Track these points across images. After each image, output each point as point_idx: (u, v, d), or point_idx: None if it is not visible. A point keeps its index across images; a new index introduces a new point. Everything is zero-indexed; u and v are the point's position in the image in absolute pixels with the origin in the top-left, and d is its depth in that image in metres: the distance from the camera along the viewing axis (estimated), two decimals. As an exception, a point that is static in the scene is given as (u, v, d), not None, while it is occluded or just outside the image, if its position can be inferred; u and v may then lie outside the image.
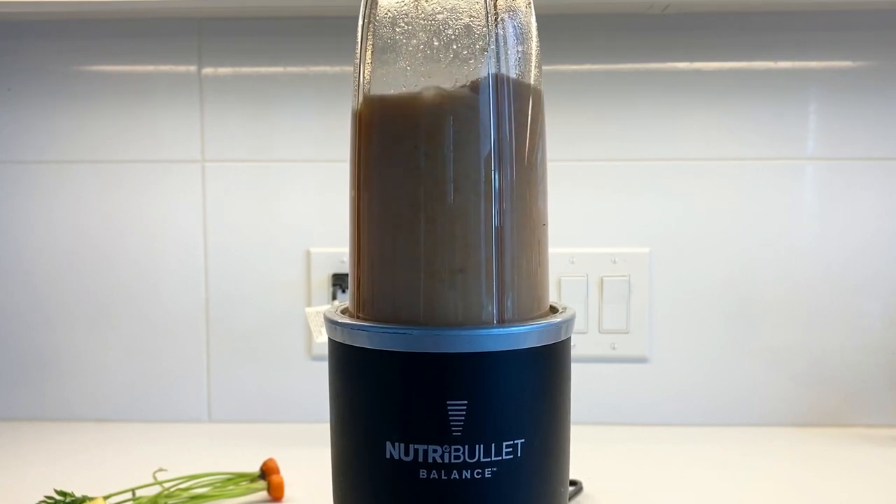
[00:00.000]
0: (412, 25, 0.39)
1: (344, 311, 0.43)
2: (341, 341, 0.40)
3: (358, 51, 0.41)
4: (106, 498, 0.70)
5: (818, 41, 0.93)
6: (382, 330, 0.39)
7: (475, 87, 0.39)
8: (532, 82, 0.41)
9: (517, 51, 0.40)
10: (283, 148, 0.96)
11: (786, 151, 0.94)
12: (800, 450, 0.89)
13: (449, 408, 0.38)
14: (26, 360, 0.99)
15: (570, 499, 0.73)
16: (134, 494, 0.72)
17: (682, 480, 0.80)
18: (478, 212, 0.39)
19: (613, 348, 0.96)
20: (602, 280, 0.95)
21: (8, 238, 0.98)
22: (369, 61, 0.41)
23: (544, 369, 0.40)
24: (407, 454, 0.38)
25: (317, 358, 0.97)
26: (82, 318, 0.98)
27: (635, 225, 0.95)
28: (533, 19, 0.41)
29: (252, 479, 0.75)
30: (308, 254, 0.97)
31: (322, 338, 0.86)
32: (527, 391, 0.39)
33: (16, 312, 0.99)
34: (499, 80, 0.39)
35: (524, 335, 0.39)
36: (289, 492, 0.76)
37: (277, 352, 0.98)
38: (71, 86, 0.97)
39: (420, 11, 0.39)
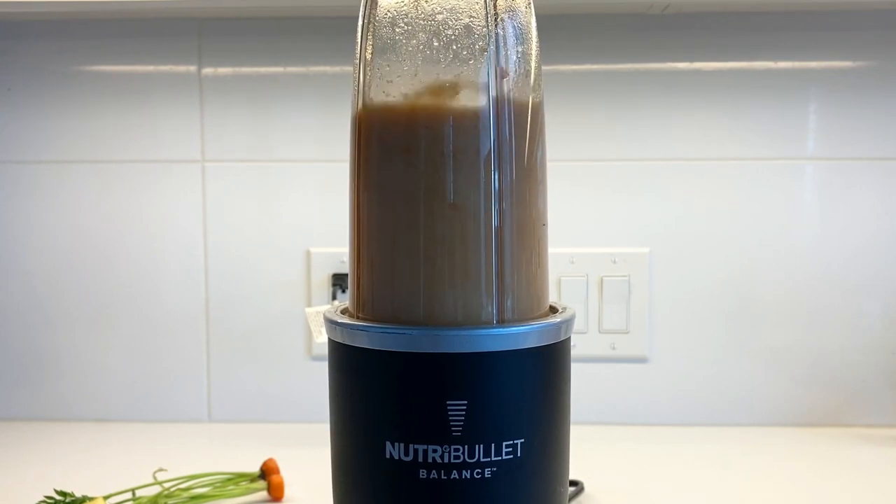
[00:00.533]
0: (412, 26, 0.39)
1: (344, 312, 0.43)
2: (341, 341, 0.40)
3: (358, 51, 0.41)
4: (106, 498, 0.70)
5: (818, 41, 0.93)
6: (382, 330, 0.39)
7: (475, 87, 0.39)
8: (532, 82, 0.41)
9: (517, 51, 0.40)
10: (283, 148, 0.96)
11: (786, 151, 0.94)
12: (800, 450, 0.89)
13: (449, 408, 0.38)
14: (26, 360, 0.99)
15: (571, 499, 0.73)
16: (134, 494, 0.72)
17: (683, 480, 0.80)
18: (478, 212, 0.39)
19: (613, 348, 0.96)
20: (602, 280, 0.95)
21: (8, 238, 0.98)
22: (369, 62, 0.41)
23: (544, 369, 0.40)
24: (407, 454, 0.38)
25: (317, 358, 0.97)
26: (82, 318, 0.98)
27: (635, 225, 0.95)
28: (533, 19, 0.41)
29: (252, 479, 0.75)
30: (308, 254, 0.97)
31: (322, 338, 0.86)
32: (527, 391, 0.39)
33: (16, 312, 0.99)
34: (499, 80, 0.39)
35: (524, 335, 0.39)
36: (289, 492, 0.76)
37: (277, 352, 0.98)
38: (71, 86, 0.97)
39: (420, 12, 0.39)
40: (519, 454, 0.39)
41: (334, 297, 0.96)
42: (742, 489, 0.78)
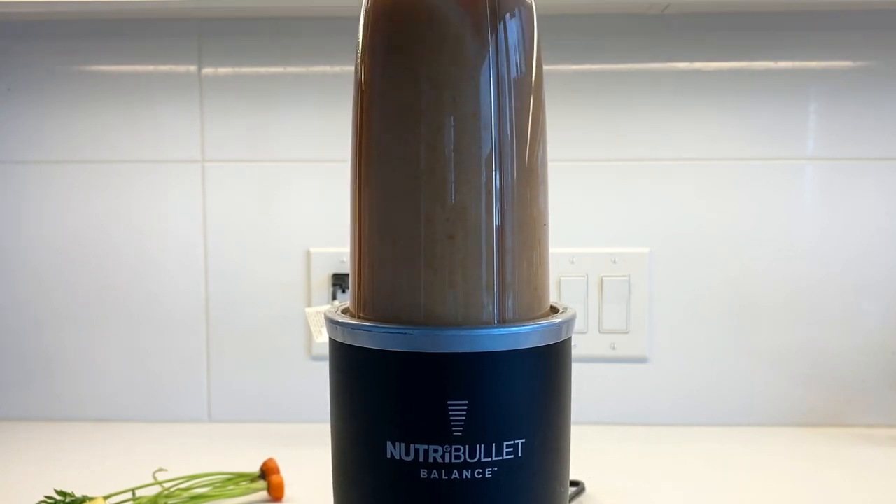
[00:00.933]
0: (413, 25, 0.39)
1: (344, 311, 0.43)
2: (342, 341, 0.40)
3: (359, 50, 0.41)
4: (106, 498, 0.70)
5: (818, 41, 0.93)
6: (383, 330, 0.39)
7: (476, 86, 0.39)
8: (533, 82, 0.41)
9: (518, 51, 0.40)
10: (283, 148, 0.96)
11: (786, 151, 0.94)
12: (800, 450, 0.89)
13: (449, 408, 0.38)
14: (26, 360, 0.99)
15: (572, 499, 0.73)
16: (134, 494, 0.72)
17: (683, 480, 0.80)
18: (478, 212, 0.39)
19: (613, 348, 0.96)
20: (602, 280, 0.95)
21: (8, 238, 0.98)
22: (370, 61, 0.41)
23: (545, 369, 0.40)
24: (407, 454, 0.38)
25: (317, 358, 0.97)
26: (82, 318, 0.98)
27: (635, 225, 0.95)
28: (534, 19, 0.41)
29: (252, 479, 0.75)
30: (308, 254, 0.97)
31: (322, 338, 0.86)
32: (527, 391, 0.39)
33: (16, 312, 0.99)
34: (500, 79, 0.39)
35: (525, 335, 0.39)
36: (289, 492, 0.76)
37: (277, 352, 0.98)
38: (71, 86, 0.97)
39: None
40: (520, 454, 0.39)
41: (334, 297, 0.96)
42: (742, 489, 0.78)
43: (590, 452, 0.85)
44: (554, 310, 0.43)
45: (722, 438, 0.92)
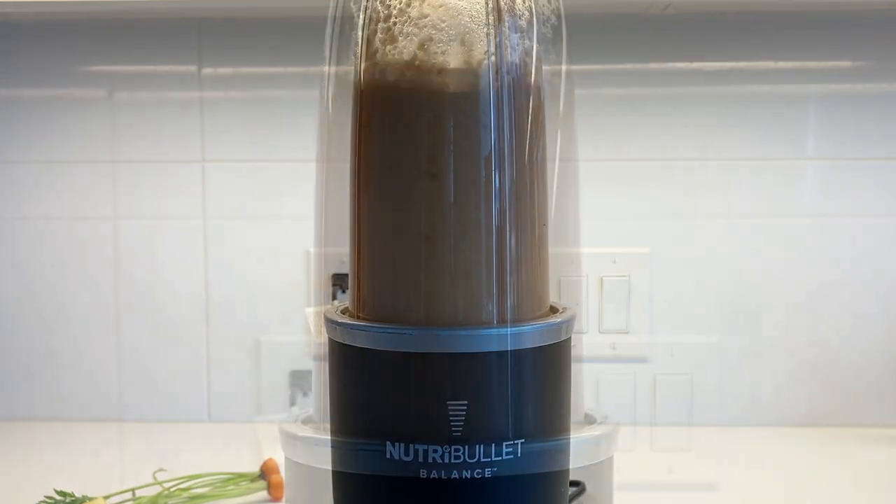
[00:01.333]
0: (412, 24, 0.39)
1: (344, 311, 0.43)
2: (341, 341, 0.40)
3: (357, 50, 0.41)
4: (106, 498, 0.70)
5: (818, 41, 0.93)
6: (382, 330, 0.39)
7: (475, 87, 0.39)
8: (532, 82, 0.41)
9: (517, 51, 0.40)
10: (283, 148, 0.96)
11: (786, 151, 0.94)
12: (801, 450, 0.89)
13: (449, 408, 0.38)
14: (26, 361, 0.99)
15: (572, 499, 0.73)
16: (134, 494, 0.72)
17: (683, 481, 0.80)
18: (478, 212, 0.39)
19: (613, 348, 0.96)
20: (602, 280, 0.95)
21: (8, 238, 0.98)
22: (369, 58, 0.41)
23: (544, 369, 0.40)
24: (407, 454, 0.38)
25: (317, 358, 0.97)
26: (82, 318, 0.98)
27: (635, 225, 0.95)
28: (534, 19, 0.41)
29: (252, 479, 0.75)
30: (308, 254, 0.97)
31: (322, 338, 0.86)
32: (527, 391, 0.39)
33: (16, 312, 0.98)
34: (499, 80, 0.39)
35: (524, 335, 0.39)
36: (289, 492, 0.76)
37: (277, 352, 0.97)
38: (71, 86, 0.96)
39: (420, 11, 0.39)
40: (519, 454, 0.39)
41: (334, 297, 0.96)
42: (743, 489, 0.78)
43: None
44: (554, 310, 0.43)
45: (722, 439, 0.92)
